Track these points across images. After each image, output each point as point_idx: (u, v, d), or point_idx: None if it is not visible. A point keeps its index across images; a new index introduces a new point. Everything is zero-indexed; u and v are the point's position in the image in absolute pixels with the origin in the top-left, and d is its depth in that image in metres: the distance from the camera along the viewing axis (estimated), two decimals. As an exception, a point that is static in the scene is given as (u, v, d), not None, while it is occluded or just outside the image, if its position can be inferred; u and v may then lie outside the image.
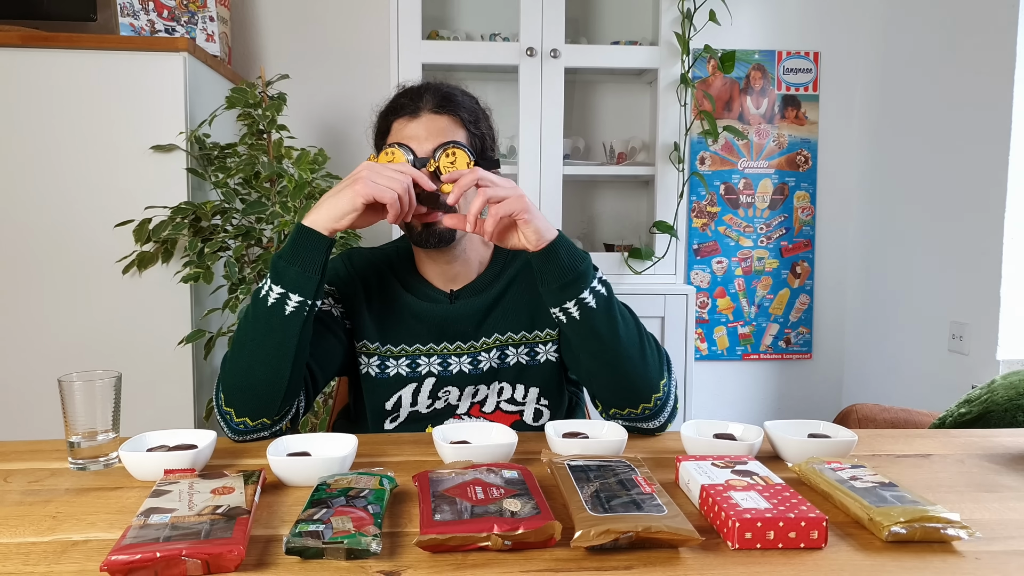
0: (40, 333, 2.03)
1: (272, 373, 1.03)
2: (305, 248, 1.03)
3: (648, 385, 1.06)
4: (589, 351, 1.07)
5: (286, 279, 1.03)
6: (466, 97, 1.21)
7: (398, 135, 1.17)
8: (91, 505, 0.79)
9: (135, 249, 2.01)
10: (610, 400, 1.08)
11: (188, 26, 2.21)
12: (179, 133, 2.03)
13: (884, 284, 2.63)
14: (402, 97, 1.19)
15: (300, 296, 1.03)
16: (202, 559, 0.62)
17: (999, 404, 1.35)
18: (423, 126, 1.15)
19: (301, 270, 1.03)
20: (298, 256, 1.03)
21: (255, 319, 1.04)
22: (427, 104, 1.16)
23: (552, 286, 1.05)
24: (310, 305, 1.04)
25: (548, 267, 1.04)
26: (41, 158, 2.00)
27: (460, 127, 1.17)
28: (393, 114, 1.19)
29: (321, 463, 0.84)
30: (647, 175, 2.54)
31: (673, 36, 2.42)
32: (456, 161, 1.11)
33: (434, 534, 0.66)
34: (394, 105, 1.19)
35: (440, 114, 1.16)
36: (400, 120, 1.17)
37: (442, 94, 1.18)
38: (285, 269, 1.03)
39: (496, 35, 2.57)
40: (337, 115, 2.62)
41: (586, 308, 1.04)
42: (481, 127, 1.20)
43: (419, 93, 1.18)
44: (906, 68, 2.51)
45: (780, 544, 0.68)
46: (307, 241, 1.04)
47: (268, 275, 1.05)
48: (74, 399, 0.90)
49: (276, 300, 1.02)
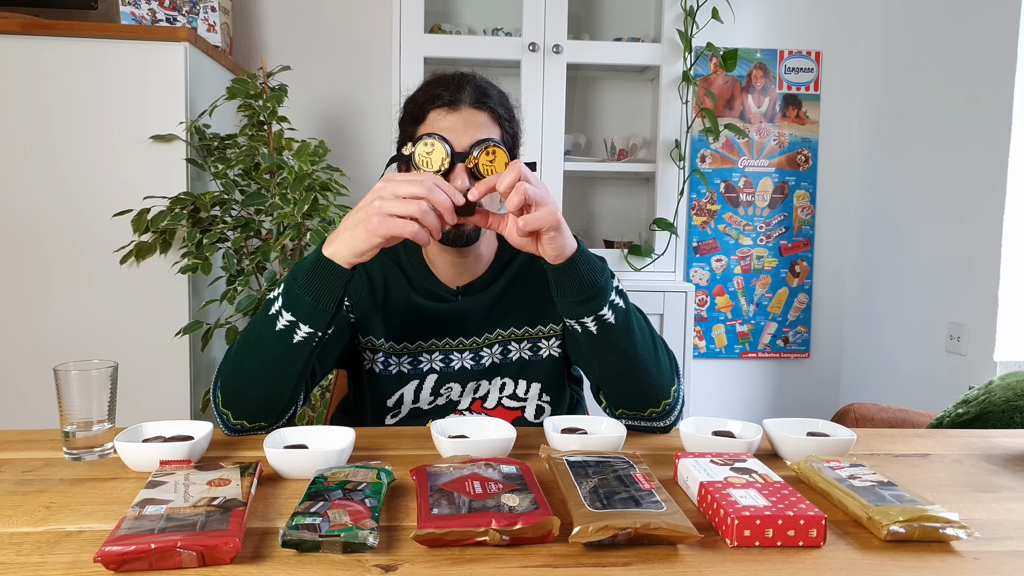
0: (37, 322, 2.03)
1: (275, 390, 1.00)
2: (322, 279, 0.97)
3: (660, 392, 1.05)
4: (604, 361, 1.05)
5: (298, 309, 0.98)
6: (502, 95, 1.19)
7: (435, 126, 1.12)
8: (85, 496, 0.79)
9: (133, 239, 2.00)
10: (619, 402, 1.07)
11: (189, 16, 2.20)
12: (179, 123, 2.02)
13: (882, 284, 2.63)
14: (440, 86, 1.14)
15: (311, 328, 0.98)
16: (197, 551, 0.62)
17: (997, 405, 1.35)
18: (462, 120, 1.12)
19: (315, 302, 0.97)
20: (313, 286, 0.97)
21: (262, 337, 1.00)
22: (467, 97, 1.12)
23: (569, 299, 1.01)
24: (320, 336, 1.00)
25: (565, 281, 1.00)
26: (40, 146, 2.00)
27: (496, 124, 1.15)
28: (431, 104, 1.13)
29: (318, 456, 0.84)
30: (648, 172, 2.53)
31: (675, 33, 2.41)
32: (495, 160, 1.07)
33: (431, 528, 0.65)
34: (431, 94, 1.14)
35: (480, 109, 1.13)
36: (438, 111, 1.13)
37: (481, 89, 1.15)
38: (299, 298, 0.98)
39: (498, 30, 2.56)
40: (338, 107, 2.62)
41: (604, 323, 1.01)
42: (514, 126, 1.19)
43: (460, 85, 1.14)
44: (907, 69, 2.50)
45: (779, 542, 0.68)
46: (324, 272, 0.97)
47: (280, 293, 1.00)
48: (70, 388, 0.90)
49: (285, 327, 0.98)
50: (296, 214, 1.99)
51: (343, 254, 0.97)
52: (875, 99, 2.69)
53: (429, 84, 1.17)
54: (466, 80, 1.15)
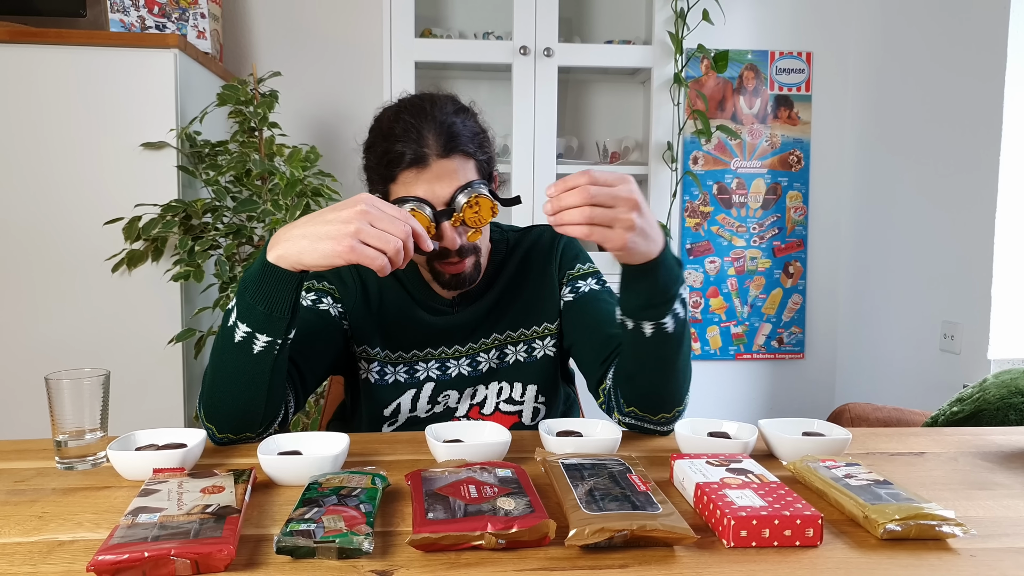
0: (28, 332, 2.01)
1: (246, 402, 0.97)
2: (271, 285, 0.92)
3: (678, 400, 1.03)
4: (642, 364, 1.01)
5: (252, 319, 0.93)
6: (466, 121, 1.10)
7: (409, 189, 1.06)
8: (78, 505, 0.78)
9: (125, 247, 1.99)
10: (635, 402, 1.03)
11: (179, 23, 2.20)
12: (170, 130, 2.01)
13: (876, 284, 2.64)
14: (400, 142, 1.05)
15: (269, 336, 0.94)
16: (191, 559, 0.61)
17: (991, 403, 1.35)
18: (434, 175, 1.05)
19: (267, 311, 0.92)
20: (264, 294, 0.92)
21: (223, 351, 0.96)
22: (432, 149, 1.05)
23: (635, 302, 0.95)
24: (280, 343, 0.95)
25: (639, 283, 0.94)
26: (30, 155, 1.99)
27: (469, 159, 1.08)
28: (396, 165, 1.06)
29: (312, 462, 0.83)
30: (640, 174, 2.54)
31: (666, 35, 2.42)
32: (480, 210, 1.05)
33: (427, 533, 0.65)
34: (394, 154, 1.06)
35: (449, 157, 1.05)
36: (407, 173, 1.06)
37: (446, 130, 1.06)
38: (251, 307, 0.93)
39: (489, 34, 2.56)
40: (329, 113, 2.61)
41: (662, 331, 0.96)
42: (486, 148, 1.12)
43: (419, 134, 1.05)
44: (898, 69, 2.51)
45: (775, 542, 0.68)
46: (273, 279, 0.92)
47: (235, 306, 0.95)
48: (62, 397, 0.89)
49: (243, 338, 0.93)
50: (288, 220, 1.99)
51: (291, 259, 0.90)
52: (866, 99, 2.70)
53: (387, 138, 1.07)
54: (425, 123, 1.06)
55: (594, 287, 1.22)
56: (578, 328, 1.19)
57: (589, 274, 1.23)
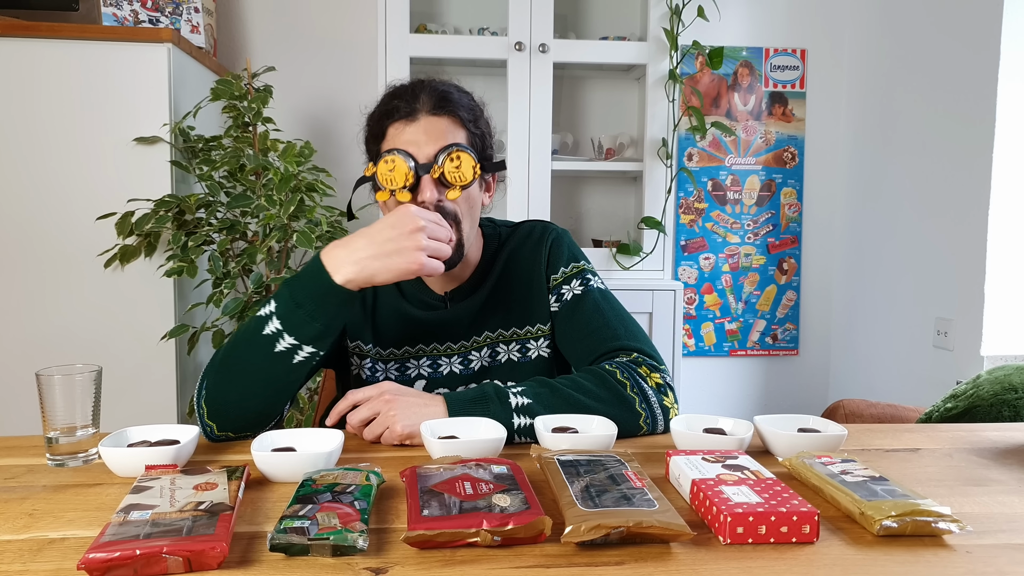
0: (19, 327, 2.00)
1: (268, 407, 0.99)
2: (335, 306, 0.97)
3: (629, 433, 1.03)
4: None
5: (303, 333, 0.96)
6: (463, 95, 1.14)
7: (395, 140, 1.10)
8: (69, 502, 0.77)
9: (117, 242, 1.98)
10: None
11: (172, 17, 2.18)
12: (163, 125, 2.00)
13: (870, 281, 2.64)
14: (395, 99, 1.11)
15: (314, 348, 0.97)
16: (183, 556, 0.61)
17: (985, 399, 1.35)
18: (422, 129, 1.08)
19: (324, 327, 0.96)
20: (325, 313, 0.96)
21: (255, 356, 0.97)
22: (424, 105, 1.09)
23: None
24: (322, 355, 0.99)
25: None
26: (21, 149, 1.97)
27: (460, 127, 1.11)
28: (388, 118, 1.11)
29: (306, 459, 0.83)
30: (635, 171, 2.53)
31: (661, 32, 2.41)
32: (461, 165, 1.06)
33: (422, 530, 0.64)
34: (388, 108, 1.11)
35: (439, 115, 1.09)
36: (396, 124, 1.10)
37: (439, 93, 1.11)
38: (305, 322, 0.96)
39: (484, 29, 2.55)
40: (324, 108, 2.60)
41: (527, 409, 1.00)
42: (480, 125, 1.15)
43: (414, 93, 1.10)
44: (892, 65, 2.52)
45: (772, 539, 0.67)
46: (337, 300, 0.96)
47: (276, 315, 0.97)
48: (53, 393, 0.88)
49: (286, 349, 0.96)
50: (282, 215, 1.98)
51: (361, 281, 0.97)
52: (860, 96, 2.70)
53: (385, 97, 1.13)
54: (422, 87, 1.12)
55: (576, 291, 1.19)
56: (563, 338, 1.19)
57: (573, 276, 1.21)
